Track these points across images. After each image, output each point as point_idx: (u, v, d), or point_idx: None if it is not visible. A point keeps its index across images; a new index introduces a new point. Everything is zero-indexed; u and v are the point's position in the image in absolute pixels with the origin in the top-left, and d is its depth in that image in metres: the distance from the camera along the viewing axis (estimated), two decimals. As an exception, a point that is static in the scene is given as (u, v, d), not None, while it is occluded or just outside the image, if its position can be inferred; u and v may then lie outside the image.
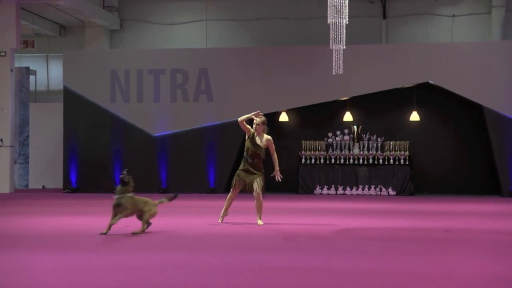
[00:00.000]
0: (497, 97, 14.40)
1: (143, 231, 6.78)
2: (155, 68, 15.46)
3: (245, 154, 7.68)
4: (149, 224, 6.90)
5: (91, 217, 9.05)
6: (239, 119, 7.67)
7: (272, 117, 15.81)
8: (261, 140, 7.76)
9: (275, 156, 7.69)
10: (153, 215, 6.93)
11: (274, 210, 10.37)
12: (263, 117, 7.80)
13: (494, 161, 14.67)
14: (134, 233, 6.71)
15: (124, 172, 6.88)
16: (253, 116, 7.68)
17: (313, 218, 9.05)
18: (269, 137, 7.77)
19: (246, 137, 7.69)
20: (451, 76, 14.51)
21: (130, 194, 6.82)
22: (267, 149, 7.90)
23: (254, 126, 7.80)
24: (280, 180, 7.59)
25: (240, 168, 7.69)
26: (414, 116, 15.36)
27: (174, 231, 7.18)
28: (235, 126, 15.76)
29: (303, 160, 15.39)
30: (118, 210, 6.76)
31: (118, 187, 6.85)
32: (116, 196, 6.74)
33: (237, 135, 15.18)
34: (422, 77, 14.69)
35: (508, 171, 14.38)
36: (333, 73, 10.89)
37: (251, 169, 7.61)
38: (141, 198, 6.95)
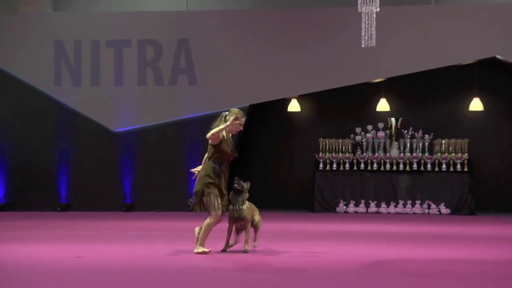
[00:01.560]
0: None
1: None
2: (116, 39, 15.51)
3: (215, 163, 7.79)
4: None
5: (23, 245, 8.98)
6: (214, 133, 7.75)
7: (278, 106, 15.90)
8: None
9: None
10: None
11: (281, 234, 10.38)
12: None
13: None
14: (246, 251, 7.84)
15: (236, 180, 7.85)
16: (234, 123, 7.85)
17: (333, 245, 9.03)
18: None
19: (215, 141, 7.78)
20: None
21: (248, 204, 7.93)
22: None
23: (232, 123, 7.83)
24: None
25: (211, 184, 7.72)
26: (476, 105, 15.36)
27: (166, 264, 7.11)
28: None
29: (321, 165, 15.39)
30: (241, 224, 7.95)
31: (232, 197, 7.87)
32: (234, 208, 7.82)
33: None
34: (486, 51, 14.70)
35: None
36: (363, 46, 10.83)
37: (223, 183, 7.87)
38: (251, 204, 8.07)
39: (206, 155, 8.00)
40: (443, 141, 15.26)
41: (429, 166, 15.16)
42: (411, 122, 15.55)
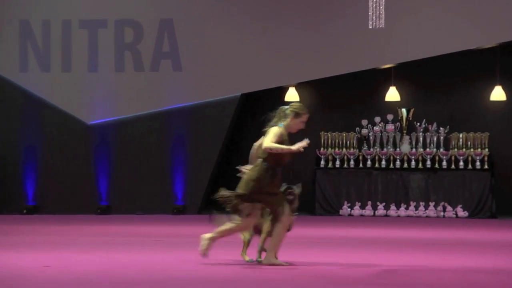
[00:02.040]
0: None
1: None
2: (90, 19, 15.46)
3: (268, 166, 7.48)
4: None
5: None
6: (274, 148, 7.42)
7: (274, 95, 15.79)
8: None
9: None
10: None
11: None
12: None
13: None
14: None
15: (288, 189, 7.64)
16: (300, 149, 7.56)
17: (336, 253, 9.00)
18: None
19: (278, 138, 7.50)
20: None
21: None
22: None
23: (295, 120, 7.59)
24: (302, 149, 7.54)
25: (259, 193, 7.47)
26: (498, 94, 15.32)
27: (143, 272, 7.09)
28: (217, 108, 16.25)
29: (322, 162, 15.38)
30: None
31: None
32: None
33: (220, 122, 15.13)
34: (509, 33, 14.68)
35: None
36: (370, 27, 10.83)
37: (276, 188, 7.59)
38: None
39: (255, 152, 7.70)
40: (461, 135, 15.26)
41: (444, 163, 15.14)
42: (425, 114, 15.52)
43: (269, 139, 7.52)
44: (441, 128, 15.37)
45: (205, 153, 15.28)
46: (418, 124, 15.42)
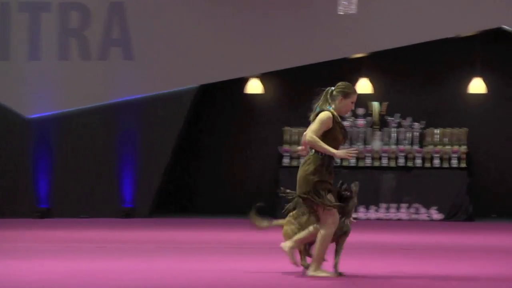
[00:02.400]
0: None
1: None
2: (32, 1, 15.34)
3: (323, 155, 7.43)
4: None
5: None
6: (318, 147, 7.37)
7: (234, 87, 15.85)
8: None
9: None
10: None
11: (232, 246, 10.37)
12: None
13: None
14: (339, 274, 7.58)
15: (344, 185, 7.68)
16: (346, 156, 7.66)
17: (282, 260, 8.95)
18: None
19: (327, 126, 7.43)
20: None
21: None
22: None
23: (344, 101, 7.57)
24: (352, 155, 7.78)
25: (323, 183, 7.42)
26: (477, 86, 15.44)
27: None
28: (171, 102, 15.81)
29: (285, 160, 15.36)
30: (343, 240, 7.71)
31: (344, 208, 7.55)
32: (342, 221, 7.53)
33: (174, 116, 15.11)
34: (490, 20, 14.74)
35: None
36: (340, 12, 10.86)
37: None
38: None
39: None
40: (437, 131, 15.32)
41: (418, 161, 15.19)
42: (398, 108, 15.55)
43: (314, 130, 7.45)
44: (415, 123, 15.42)
45: (157, 151, 15.19)
46: (391, 119, 15.46)
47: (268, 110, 16.37)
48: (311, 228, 7.52)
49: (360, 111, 15.50)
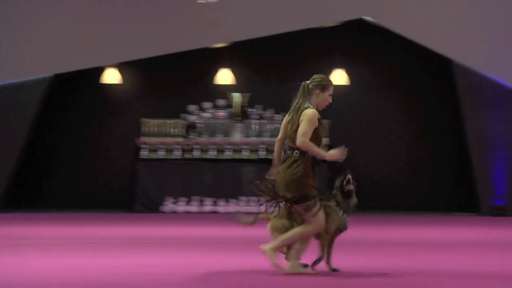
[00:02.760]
0: (474, 48, 14.82)
1: None
2: None
3: (308, 155, 7.21)
4: None
5: None
6: (310, 150, 7.14)
7: (91, 77, 15.72)
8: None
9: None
10: None
11: (91, 242, 10.08)
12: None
13: (468, 157, 15.16)
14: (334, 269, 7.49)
15: (348, 177, 7.64)
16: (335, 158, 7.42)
17: (154, 255, 8.80)
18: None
19: (315, 125, 7.18)
20: (402, 11, 14.80)
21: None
22: None
23: (323, 95, 7.33)
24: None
25: (313, 188, 7.17)
26: (339, 78, 15.70)
27: None
28: (21, 92, 15.19)
29: (143, 153, 15.20)
30: (338, 236, 7.61)
31: (342, 203, 7.49)
32: (344, 217, 7.47)
33: (24, 108, 14.82)
34: (352, 11, 14.93)
35: (489, 175, 14.92)
36: (200, 1, 10.83)
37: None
38: None
39: (282, 142, 7.37)
40: (300, 122, 15.43)
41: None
42: (261, 99, 15.62)
43: (304, 133, 7.11)
44: (277, 115, 15.52)
45: (6, 144, 14.78)
46: (253, 110, 15.58)
47: (125, 101, 16.23)
48: (296, 229, 7.28)
49: (221, 102, 15.58)
